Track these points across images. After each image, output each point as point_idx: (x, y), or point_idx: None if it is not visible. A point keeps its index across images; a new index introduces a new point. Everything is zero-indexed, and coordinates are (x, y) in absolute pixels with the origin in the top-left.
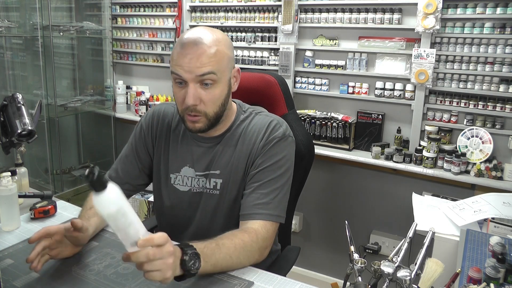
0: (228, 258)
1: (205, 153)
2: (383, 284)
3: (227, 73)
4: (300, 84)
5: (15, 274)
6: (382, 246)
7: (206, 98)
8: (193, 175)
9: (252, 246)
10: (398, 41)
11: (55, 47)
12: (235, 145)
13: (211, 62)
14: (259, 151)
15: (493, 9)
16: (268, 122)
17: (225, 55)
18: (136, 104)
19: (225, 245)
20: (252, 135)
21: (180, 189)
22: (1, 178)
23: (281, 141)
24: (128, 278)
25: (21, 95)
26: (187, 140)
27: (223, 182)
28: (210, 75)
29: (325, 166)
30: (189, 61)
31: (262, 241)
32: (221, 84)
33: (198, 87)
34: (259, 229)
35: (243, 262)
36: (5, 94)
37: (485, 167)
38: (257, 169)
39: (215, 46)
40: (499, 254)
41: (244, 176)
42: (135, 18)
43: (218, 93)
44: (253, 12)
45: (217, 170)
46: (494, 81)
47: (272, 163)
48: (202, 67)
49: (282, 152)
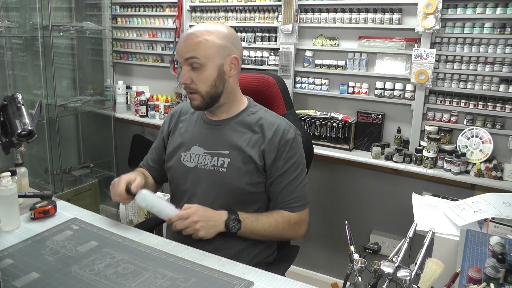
0: (262, 231)
1: (214, 134)
2: (383, 284)
3: (216, 59)
4: (300, 84)
5: (15, 274)
6: (382, 246)
7: (195, 79)
8: (201, 153)
9: (284, 227)
10: (398, 41)
11: (55, 47)
12: (246, 132)
13: (195, 48)
14: (274, 150)
15: (493, 9)
16: (278, 124)
17: (213, 43)
18: (136, 104)
19: (262, 220)
20: (263, 129)
21: (187, 165)
22: (1, 178)
23: (294, 142)
24: (128, 278)
25: (21, 95)
26: (200, 124)
27: (231, 161)
28: (193, 59)
29: (325, 166)
30: (180, 47)
31: (294, 224)
32: (208, 68)
33: (190, 69)
34: (293, 216)
35: (275, 236)
36: (5, 94)
37: (485, 167)
38: (281, 171)
39: (203, 36)
40: (499, 254)
41: (251, 161)
42: (135, 18)
43: (206, 75)
44: (253, 12)
45: (226, 150)
46: (494, 81)
47: (291, 165)
48: (187, 52)
49: (297, 153)
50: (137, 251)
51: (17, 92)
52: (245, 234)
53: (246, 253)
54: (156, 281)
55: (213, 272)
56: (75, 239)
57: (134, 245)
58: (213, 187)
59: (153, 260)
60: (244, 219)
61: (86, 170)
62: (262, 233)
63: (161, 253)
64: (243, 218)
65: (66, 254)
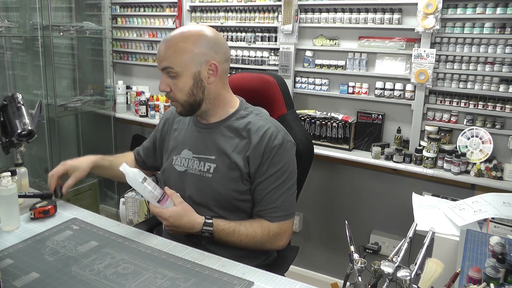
0: (238, 242)
1: (203, 138)
2: (383, 284)
3: (191, 67)
4: (300, 84)
5: (15, 274)
6: (382, 246)
7: (173, 87)
8: (190, 157)
9: (262, 239)
10: (398, 41)
11: (55, 47)
12: (233, 137)
13: (169, 57)
14: (259, 157)
15: (493, 9)
16: (265, 130)
17: (188, 51)
18: (136, 104)
19: (240, 232)
20: (249, 134)
21: (177, 169)
22: (1, 178)
23: (281, 149)
24: (128, 278)
25: (21, 95)
26: (192, 127)
27: (216, 167)
28: (168, 69)
29: (325, 166)
30: (158, 54)
31: (274, 236)
32: (184, 76)
33: (167, 77)
34: (272, 227)
35: (253, 247)
36: (5, 94)
37: (485, 167)
38: (263, 177)
39: (178, 44)
40: (499, 254)
41: (236, 168)
42: (135, 18)
43: (181, 84)
44: (253, 12)
45: (213, 155)
46: (494, 81)
47: (274, 172)
48: (162, 61)
49: (283, 159)
50: (137, 251)
51: (17, 92)
52: (217, 243)
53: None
54: (156, 281)
55: (213, 272)
56: (75, 239)
57: (134, 245)
58: (199, 192)
59: (153, 260)
60: (219, 232)
61: None
62: (238, 244)
63: (161, 253)
64: (218, 231)
65: (66, 254)
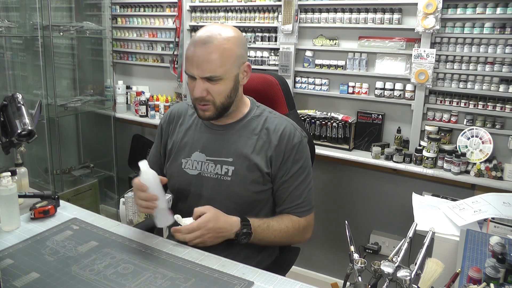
0: (272, 238)
1: (217, 140)
2: (383, 284)
3: (233, 70)
4: (300, 84)
5: (15, 274)
6: (382, 246)
7: (212, 91)
8: (203, 159)
9: (294, 233)
10: (398, 41)
11: (55, 47)
12: (250, 137)
13: (215, 66)
14: (280, 156)
15: (493, 9)
16: (283, 128)
17: (232, 54)
18: (136, 104)
19: (273, 227)
20: (268, 134)
21: (189, 173)
22: (1, 178)
23: (300, 146)
24: (128, 278)
25: (21, 95)
26: (201, 128)
27: (235, 169)
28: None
29: (325, 166)
30: (197, 62)
31: (303, 229)
32: (227, 80)
33: (205, 81)
34: (301, 221)
35: (284, 242)
36: (5, 94)
37: (485, 167)
38: (288, 176)
39: (221, 47)
40: (499, 254)
41: (257, 169)
42: (135, 18)
43: (223, 88)
44: (253, 12)
45: (230, 158)
46: (494, 81)
47: (297, 169)
48: (206, 70)
49: (303, 156)
50: (137, 251)
51: (17, 92)
52: (253, 241)
53: (250, 259)
54: (156, 281)
55: (213, 272)
56: (75, 239)
57: (134, 245)
58: (217, 196)
59: (153, 260)
60: (256, 228)
61: (86, 170)
62: (271, 240)
63: (161, 253)
64: (254, 227)
65: (66, 254)
